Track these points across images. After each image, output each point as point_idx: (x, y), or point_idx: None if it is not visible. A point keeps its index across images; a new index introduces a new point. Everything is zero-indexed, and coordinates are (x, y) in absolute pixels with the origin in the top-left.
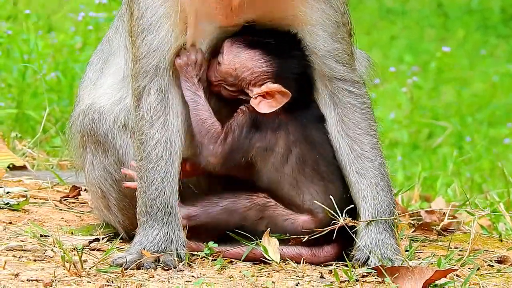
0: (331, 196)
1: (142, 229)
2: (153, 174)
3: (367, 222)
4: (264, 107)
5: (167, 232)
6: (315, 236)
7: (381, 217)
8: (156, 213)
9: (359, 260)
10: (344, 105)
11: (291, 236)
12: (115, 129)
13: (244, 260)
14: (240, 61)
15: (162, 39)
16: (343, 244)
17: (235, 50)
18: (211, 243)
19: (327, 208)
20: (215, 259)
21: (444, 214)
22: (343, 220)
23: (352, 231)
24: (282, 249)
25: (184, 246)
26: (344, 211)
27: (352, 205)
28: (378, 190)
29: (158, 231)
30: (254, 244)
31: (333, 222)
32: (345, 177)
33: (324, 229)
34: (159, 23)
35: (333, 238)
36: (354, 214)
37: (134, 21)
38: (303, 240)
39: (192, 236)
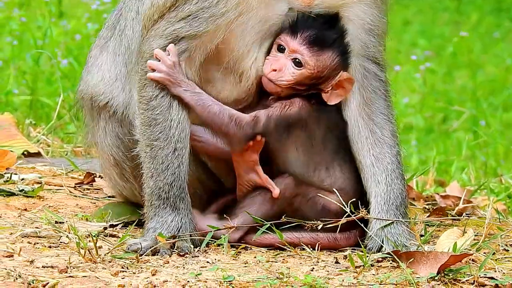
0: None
1: (155, 214)
2: (171, 158)
3: (381, 219)
4: (335, 98)
5: (181, 218)
6: (331, 225)
7: (392, 204)
8: (171, 198)
9: (371, 249)
10: (372, 89)
11: (307, 222)
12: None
13: (259, 246)
14: (324, 63)
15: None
16: (362, 231)
17: (316, 53)
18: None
19: (343, 203)
20: (231, 246)
21: (459, 198)
22: (359, 213)
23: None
24: (300, 235)
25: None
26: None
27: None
28: (392, 176)
29: (172, 217)
30: (266, 226)
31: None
32: (358, 161)
33: (339, 219)
34: (231, 10)
35: (351, 225)
36: (364, 199)
37: (191, 5)
38: (319, 228)
39: None
